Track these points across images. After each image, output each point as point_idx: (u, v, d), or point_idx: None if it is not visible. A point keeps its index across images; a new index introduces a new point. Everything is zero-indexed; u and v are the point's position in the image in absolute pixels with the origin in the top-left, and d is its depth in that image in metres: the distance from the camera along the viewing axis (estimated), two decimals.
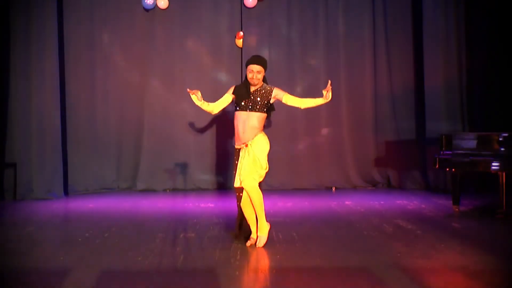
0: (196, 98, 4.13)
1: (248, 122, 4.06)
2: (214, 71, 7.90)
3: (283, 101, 4.19)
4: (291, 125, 7.87)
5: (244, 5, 7.73)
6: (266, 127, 7.74)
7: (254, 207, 4.06)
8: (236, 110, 4.16)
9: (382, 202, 6.41)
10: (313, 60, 7.96)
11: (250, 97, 4.10)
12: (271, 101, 4.18)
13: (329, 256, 3.80)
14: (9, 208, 6.27)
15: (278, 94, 4.17)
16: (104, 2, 7.65)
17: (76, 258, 3.76)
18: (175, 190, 7.68)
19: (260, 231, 4.10)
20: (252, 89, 4.15)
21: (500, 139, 5.13)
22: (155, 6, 7.63)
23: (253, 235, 4.14)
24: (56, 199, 6.80)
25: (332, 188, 7.79)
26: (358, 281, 3.17)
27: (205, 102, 4.21)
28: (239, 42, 7.73)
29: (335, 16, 7.96)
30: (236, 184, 4.08)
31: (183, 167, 7.72)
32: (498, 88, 7.47)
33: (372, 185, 7.95)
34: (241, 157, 4.04)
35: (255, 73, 4.11)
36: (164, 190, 7.68)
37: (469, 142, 5.44)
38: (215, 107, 4.28)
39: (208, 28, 7.84)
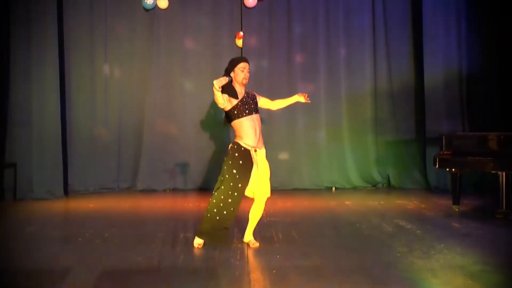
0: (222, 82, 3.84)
1: (259, 125, 4.04)
2: (214, 71, 7.87)
3: (260, 104, 4.17)
4: (291, 125, 7.87)
5: (244, 5, 7.73)
6: (267, 126, 7.84)
7: (258, 215, 4.14)
8: (241, 115, 3.95)
9: (382, 202, 6.41)
10: (313, 60, 7.95)
11: (249, 100, 4.05)
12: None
13: (329, 256, 3.81)
14: (9, 208, 6.27)
15: (259, 97, 4.21)
16: (104, 2, 7.64)
17: (76, 258, 3.76)
18: (175, 190, 7.67)
19: (251, 236, 4.18)
20: (243, 90, 4.09)
21: (500, 139, 5.13)
22: (155, 6, 7.63)
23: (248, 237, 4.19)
24: (56, 199, 6.79)
25: (332, 188, 7.79)
26: (358, 281, 3.17)
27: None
28: (239, 42, 7.73)
29: (335, 15, 7.96)
30: (250, 194, 4.07)
31: (183, 167, 7.72)
32: (498, 88, 7.47)
33: (372, 185, 7.94)
34: (255, 166, 3.98)
35: (246, 70, 4.03)
36: (164, 190, 7.67)
37: (469, 142, 5.44)
38: (226, 103, 4.02)
39: (208, 28, 7.84)
